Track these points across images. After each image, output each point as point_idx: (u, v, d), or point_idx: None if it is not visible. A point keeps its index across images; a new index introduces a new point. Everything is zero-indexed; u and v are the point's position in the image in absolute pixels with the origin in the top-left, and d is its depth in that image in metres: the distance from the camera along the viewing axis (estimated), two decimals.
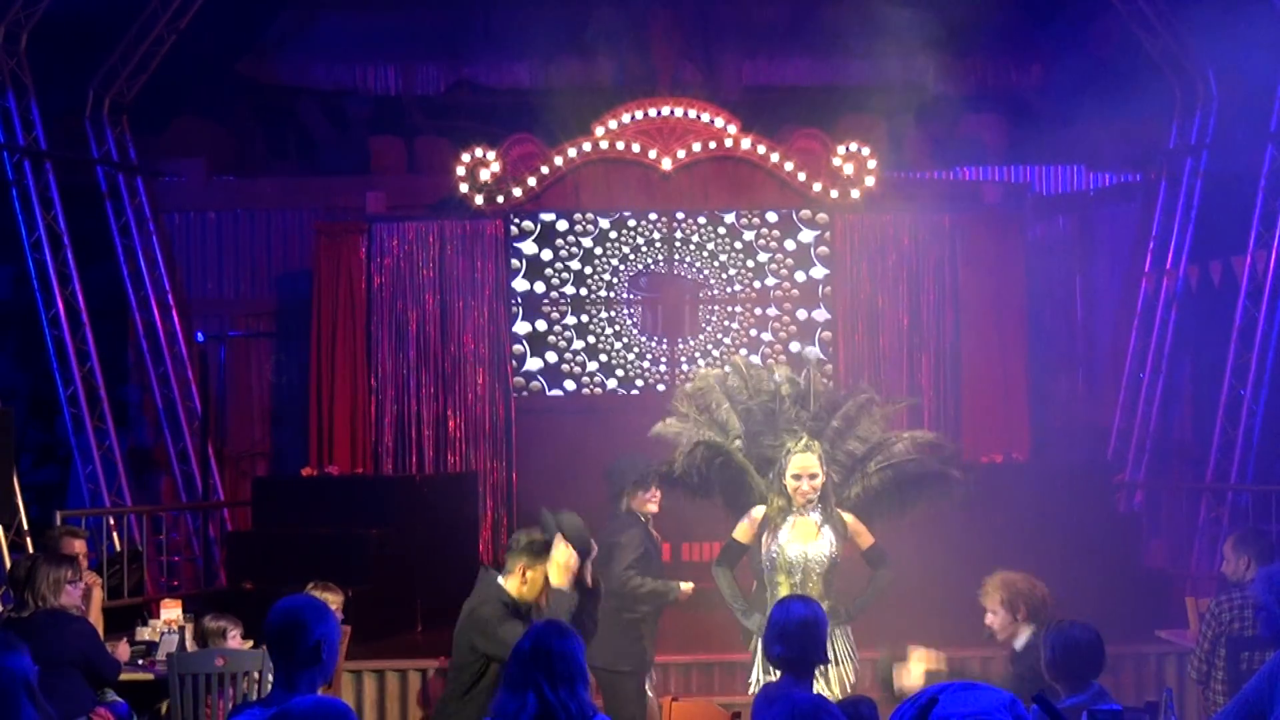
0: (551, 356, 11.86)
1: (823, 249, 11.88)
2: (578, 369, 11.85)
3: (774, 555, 5.51)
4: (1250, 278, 11.07)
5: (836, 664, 5.55)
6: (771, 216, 11.88)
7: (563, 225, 11.86)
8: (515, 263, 11.84)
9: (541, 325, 11.86)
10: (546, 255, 11.86)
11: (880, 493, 5.76)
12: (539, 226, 11.84)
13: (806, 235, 11.89)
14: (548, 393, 11.83)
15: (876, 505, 5.80)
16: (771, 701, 4.43)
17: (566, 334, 11.87)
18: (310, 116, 13.65)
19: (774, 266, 11.89)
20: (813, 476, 5.50)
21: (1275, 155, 11.11)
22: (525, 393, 11.80)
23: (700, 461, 5.73)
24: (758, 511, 5.63)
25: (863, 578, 5.89)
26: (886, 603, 5.95)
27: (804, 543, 5.49)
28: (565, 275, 11.87)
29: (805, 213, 11.88)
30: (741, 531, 5.66)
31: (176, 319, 12.47)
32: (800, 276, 11.90)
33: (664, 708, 5.27)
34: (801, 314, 11.91)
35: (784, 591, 5.45)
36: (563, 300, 11.88)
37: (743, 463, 5.70)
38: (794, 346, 11.87)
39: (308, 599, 3.94)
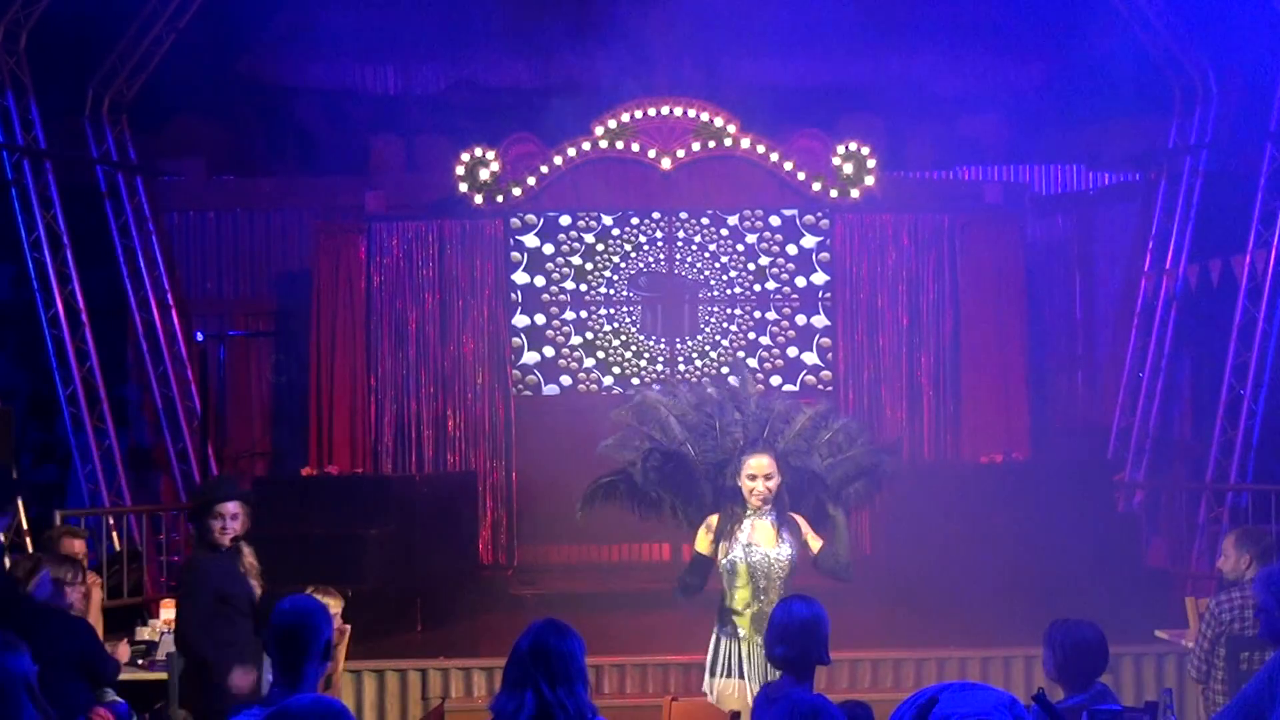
0: (549, 351, 11.88)
1: (824, 255, 11.89)
2: (574, 364, 11.88)
3: (734, 560, 5.43)
4: (1250, 277, 11.07)
5: None
6: (774, 220, 11.90)
7: (565, 220, 11.89)
8: (516, 255, 11.86)
9: (540, 319, 11.89)
10: (548, 249, 11.89)
11: (834, 486, 5.71)
12: (542, 220, 11.87)
13: (809, 240, 11.91)
14: (544, 386, 11.84)
15: (835, 498, 5.74)
16: (772, 701, 4.43)
17: (565, 329, 11.89)
18: (310, 116, 13.63)
19: (775, 270, 11.90)
20: (767, 477, 5.43)
21: (1275, 154, 11.11)
22: (521, 386, 11.81)
23: (654, 468, 5.68)
24: (712, 520, 5.55)
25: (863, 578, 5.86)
26: (888, 604, 5.92)
27: (766, 547, 5.42)
28: (566, 270, 11.89)
29: (809, 217, 11.90)
30: (701, 543, 5.55)
31: (176, 319, 12.47)
32: (801, 282, 11.91)
33: (664, 707, 5.26)
34: (800, 319, 11.92)
35: (743, 596, 5.41)
36: (563, 295, 11.90)
37: (695, 465, 5.67)
38: (791, 351, 11.88)
39: (312, 600, 3.93)
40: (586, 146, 11.82)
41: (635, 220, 11.93)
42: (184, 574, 5.87)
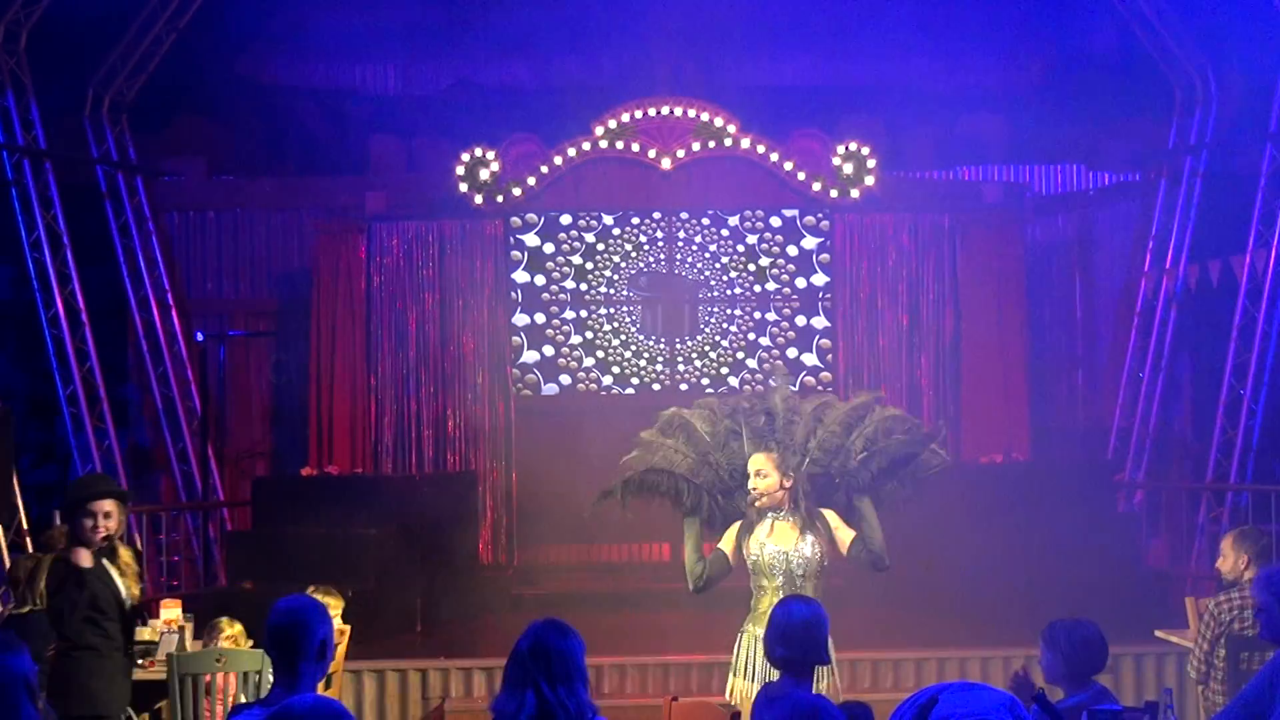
0: (549, 350, 11.89)
1: (824, 256, 11.90)
2: (574, 364, 11.88)
3: (754, 560, 5.44)
4: (1250, 277, 11.08)
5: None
6: (775, 221, 11.90)
7: (566, 219, 11.91)
8: (516, 254, 11.87)
9: (540, 318, 11.90)
10: (549, 249, 11.90)
11: (871, 481, 5.66)
12: (543, 219, 11.88)
13: (810, 241, 11.91)
14: (543, 385, 11.85)
15: (873, 494, 5.69)
16: (772, 701, 4.43)
17: (565, 328, 11.89)
18: (310, 116, 13.64)
19: (775, 271, 11.90)
20: (760, 474, 5.42)
21: (1275, 155, 11.11)
22: (520, 385, 11.82)
23: (665, 489, 5.64)
24: (735, 525, 5.56)
25: (865, 578, 5.83)
26: (888, 604, 5.90)
27: (783, 545, 5.41)
28: (566, 269, 11.90)
29: (809, 218, 11.90)
30: (725, 542, 5.58)
31: (176, 319, 12.47)
32: (801, 283, 11.91)
33: (664, 707, 5.26)
34: (800, 320, 11.92)
35: (769, 596, 5.39)
36: (563, 294, 11.91)
37: (720, 473, 5.65)
38: (791, 353, 11.88)
39: (309, 599, 3.93)
40: (586, 146, 11.82)
41: (635, 220, 11.94)
42: (53, 569, 5.78)
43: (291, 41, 12.81)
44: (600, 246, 11.92)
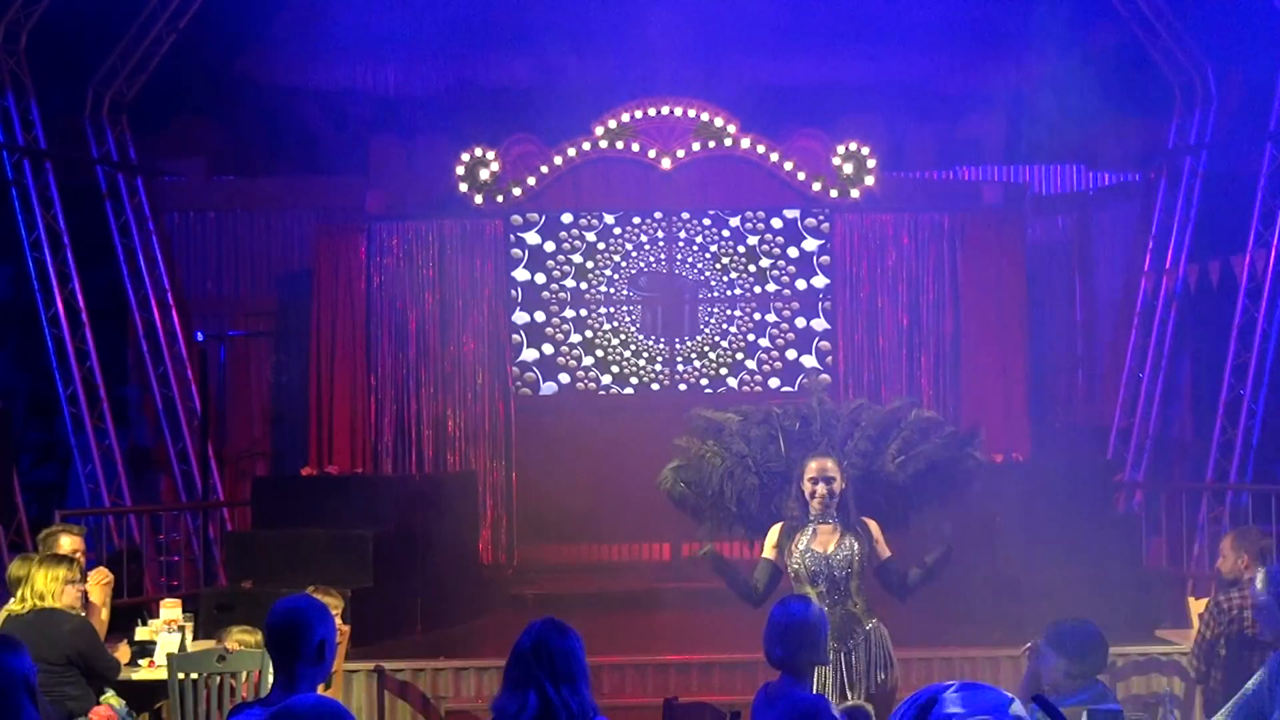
0: (548, 349, 11.89)
1: (825, 258, 11.89)
2: (573, 363, 11.88)
3: (795, 567, 5.45)
4: (1250, 277, 11.08)
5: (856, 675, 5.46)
6: (776, 222, 11.90)
7: (567, 218, 11.91)
8: (517, 252, 11.87)
9: (540, 316, 11.90)
10: (549, 247, 11.90)
11: (908, 486, 5.66)
12: (543, 218, 11.88)
13: (810, 243, 11.91)
14: (542, 384, 11.85)
15: (909, 498, 5.69)
16: (772, 701, 4.44)
17: (564, 327, 11.90)
18: (310, 116, 13.63)
19: (775, 272, 11.90)
20: (828, 480, 5.43)
21: (1275, 155, 11.12)
22: (520, 383, 11.82)
23: (730, 480, 5.73)
24: (774, 530, 5.57)
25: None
26: (888, 603, 5.88)
27: (824, 550, 5.43)
28: (567, 268, 11.90)
29: (810, 220, 11.90)
30: (767, 550, 5.57)
31: (176, 319, 12.47)
32: (801, 285, 11.91)
33: (664, 707, 5.26)
34: (800, 322, 11.92)
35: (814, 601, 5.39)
36: (563, 293, 11.91)
37: (759, 478, 5.67)
38: (790, 354, 11.88)
39: (309, 599, 3.93)
40: (586, 146, 11.82)
41: (636, 220, 11.94)
42: None
43: (291, 41, 12.80)
44: (601, 246, 11.92)
